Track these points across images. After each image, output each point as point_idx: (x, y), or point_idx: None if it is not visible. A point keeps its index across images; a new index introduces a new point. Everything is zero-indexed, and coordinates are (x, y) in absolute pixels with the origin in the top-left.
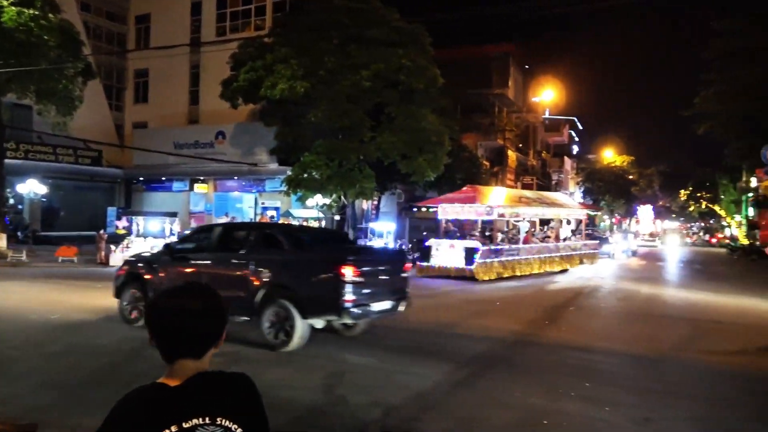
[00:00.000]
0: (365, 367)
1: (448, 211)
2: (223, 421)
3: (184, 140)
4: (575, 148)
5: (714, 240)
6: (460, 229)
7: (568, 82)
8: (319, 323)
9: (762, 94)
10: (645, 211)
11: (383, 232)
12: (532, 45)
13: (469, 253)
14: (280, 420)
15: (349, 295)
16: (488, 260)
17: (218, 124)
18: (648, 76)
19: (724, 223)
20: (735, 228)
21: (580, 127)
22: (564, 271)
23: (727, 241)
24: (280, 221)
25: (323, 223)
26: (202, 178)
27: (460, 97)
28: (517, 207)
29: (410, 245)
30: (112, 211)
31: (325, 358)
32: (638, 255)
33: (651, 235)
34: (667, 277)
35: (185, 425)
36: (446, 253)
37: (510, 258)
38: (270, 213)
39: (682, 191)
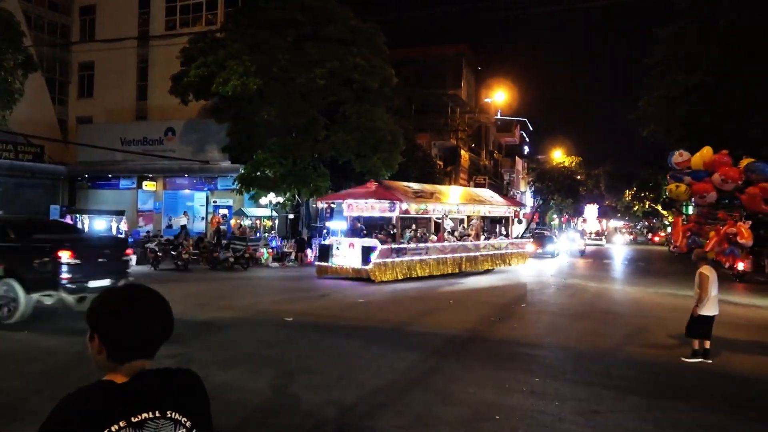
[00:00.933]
0: (318, 368)
1: (353, 207)
2: (173, 414)
3: (131, 136)
4: (526, 149)
5: (656, 239)
6: (371, 228)
7: (519, 84)
8: (48, 300)
9: (699, 98)
10: (591, 210)
11: (338, 230)
12: (484, 47)
13: (366, 253)
14: (231, 422)
15: (65, 274)
16: (388, 260)
17: (168, 120)
18: (596, 79)
19: (666, 222)
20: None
21: (531, 128)
22: (488, 271)
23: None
24: (233, 220)
25: (276, 222)
26: (150, 175)
27: (414, 97)
28: (427, 203)
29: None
30: (55, 209)
31: (276, 359)
32: (585, 254)
33: (597, 234)
34: (612, 274)
35: (134, 419)
36: (346, 253)
37: (417, 258)
38: (222, 211)
39: (627, 191)
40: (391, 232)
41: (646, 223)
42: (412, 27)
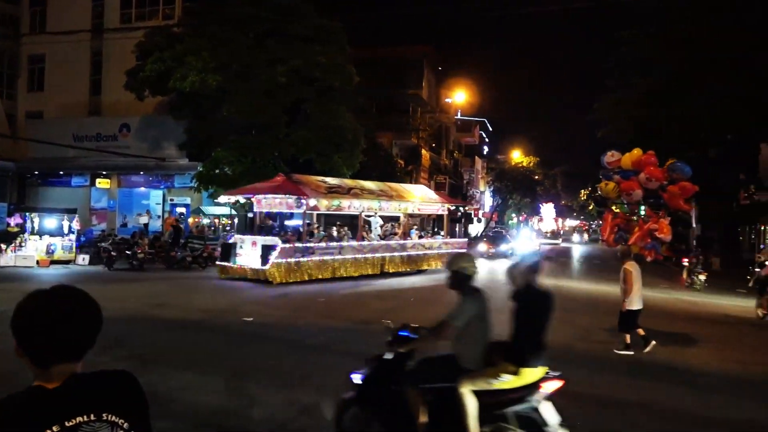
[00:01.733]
0: (278, 368)
1: (263, 203)
2: (109, 416)
3: (84, 132)
4: (485, 149)
5: None
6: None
7: (480, 85)
8: None
9: (654, 102)
10: (547, 209)
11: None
12: (445, 48)
13: (267, 252)
14: (186, 425)
15: None
16: (291, 260)
17: (123, 116)
18: (555, 81)
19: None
20: None
21: (490, 129)
22: (420, 272)
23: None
24: (191, 219)
25: (236, 221)
26: (104, 173)
27: (376, 96)
28: (342, 199)
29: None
30: (2, 207)
31: (234, 360)
32: (541, 254)
33: (552, 233)
34: (566, 272)
35: (68, 424)
36: (249, 252)
37: (329, 258)
38: (179, 210)
39: (583, 191)
40: (317, 232)
41: (601, 222)
42: (374, 27)
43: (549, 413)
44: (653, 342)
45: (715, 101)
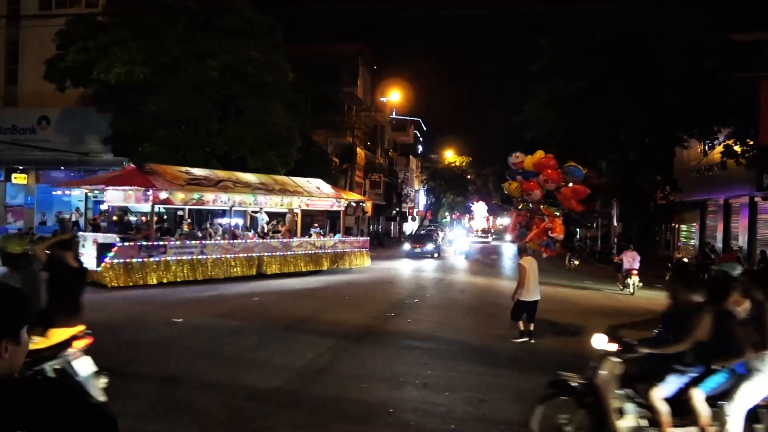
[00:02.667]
0: (208, 370)
1: (113, 197)
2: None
3: None
4: (420, 148)
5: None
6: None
7: (414, 85)
8: None
9: (578, 105)
10: (479, 208)
11: (238, 224)
12: (380, 48)
13: (102, 251)
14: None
15: None
16: (132, 260)
17: (41, 107)
18: (487, 82)
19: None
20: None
21: (425, 128)
22: (315, 272)
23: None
24: (115, 217)
25: (165, 218)
26: (21, 167)
27: (311, 93)
28: (205, 192)
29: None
30: None
31: (162, 363)
32: (470, 254)
33: (483, 231)
34: (487, 269)
35: None
36: (90, 252)
37: (186, 258)
38: (103, 207)
39: None
40: (188, 228)
41: None
42: (308, 23)
43: (82, 366)
44: (525, 339)
45: (632, 106)
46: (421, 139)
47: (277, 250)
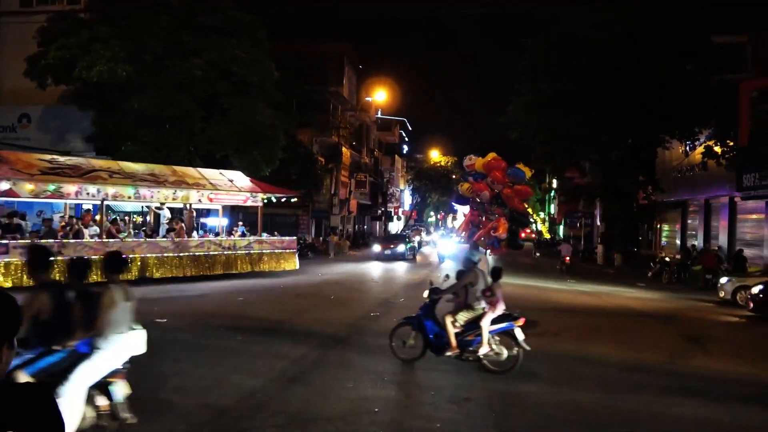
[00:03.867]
0: (192, 370)
1: None
2: None
3: None
4: (405, 148)
5: (523, 234)
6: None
7: (399, 85)
8: None
9: (561, 106)
10: (462, 207)
11: (216, 226)
12: (365, 48)
13: None
14: None
15: None
16: None
17: (22, 105)
18: (473, 83)
19: (531, 220)
20: (540, 224)
21: (410, 128)
22: (225, 276)
23: (534, 236)
24: (98, 216)
25: (149, 218)
26: None
27: (296, 92)
28: (65, 183)
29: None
30: None
31: (146, 364)
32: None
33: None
34: None
35: None
36: None
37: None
38: (86, 206)
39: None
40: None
41: None
42: (293, 21)
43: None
44: None
45: (614, 108)
46: (406, 138)
47: (167, 250)
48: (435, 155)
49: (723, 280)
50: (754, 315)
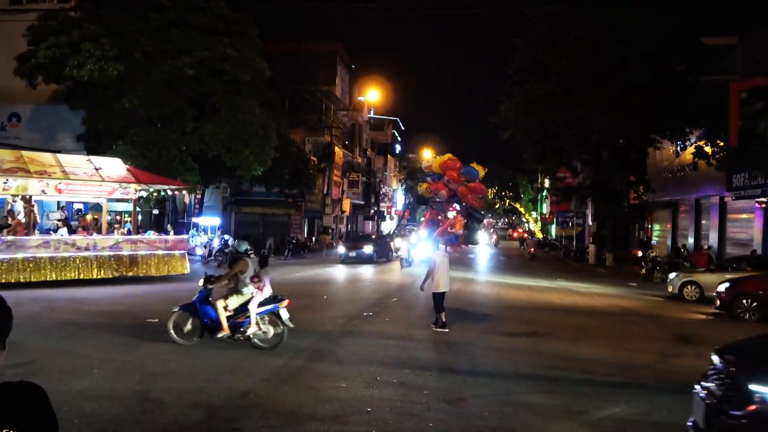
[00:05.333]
0: (183, 371)
1: None
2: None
3: None
4: (398, 147)
5: (515, 234)
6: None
7: (392, 85)
8: None
9: (551, 106)
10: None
11: (208, 226)
12: (358, 46)
13: None
14: None
15: None
16: None
17: (12, 104)
18: (465, 83)
19: (524, 219)
20: (532, 223)
21: (402, 128)
22: (81, 282)
23: (525, 235)
24: (88, 215)
25: (140, 217)
26: None
27: (288, 91)
28: None
29: None
30: None
31: (136, 364)
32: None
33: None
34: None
35: None
36: None
37: None
38: (76, 206)
39: (490, 190)
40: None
41: (506, 219)
42: (286, 20)
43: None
44: (445, 330)
45: (604, 108)
46: (399, 138)
47: None
48: (428, 155)
49: (671, 275)
50: (720, 312)
